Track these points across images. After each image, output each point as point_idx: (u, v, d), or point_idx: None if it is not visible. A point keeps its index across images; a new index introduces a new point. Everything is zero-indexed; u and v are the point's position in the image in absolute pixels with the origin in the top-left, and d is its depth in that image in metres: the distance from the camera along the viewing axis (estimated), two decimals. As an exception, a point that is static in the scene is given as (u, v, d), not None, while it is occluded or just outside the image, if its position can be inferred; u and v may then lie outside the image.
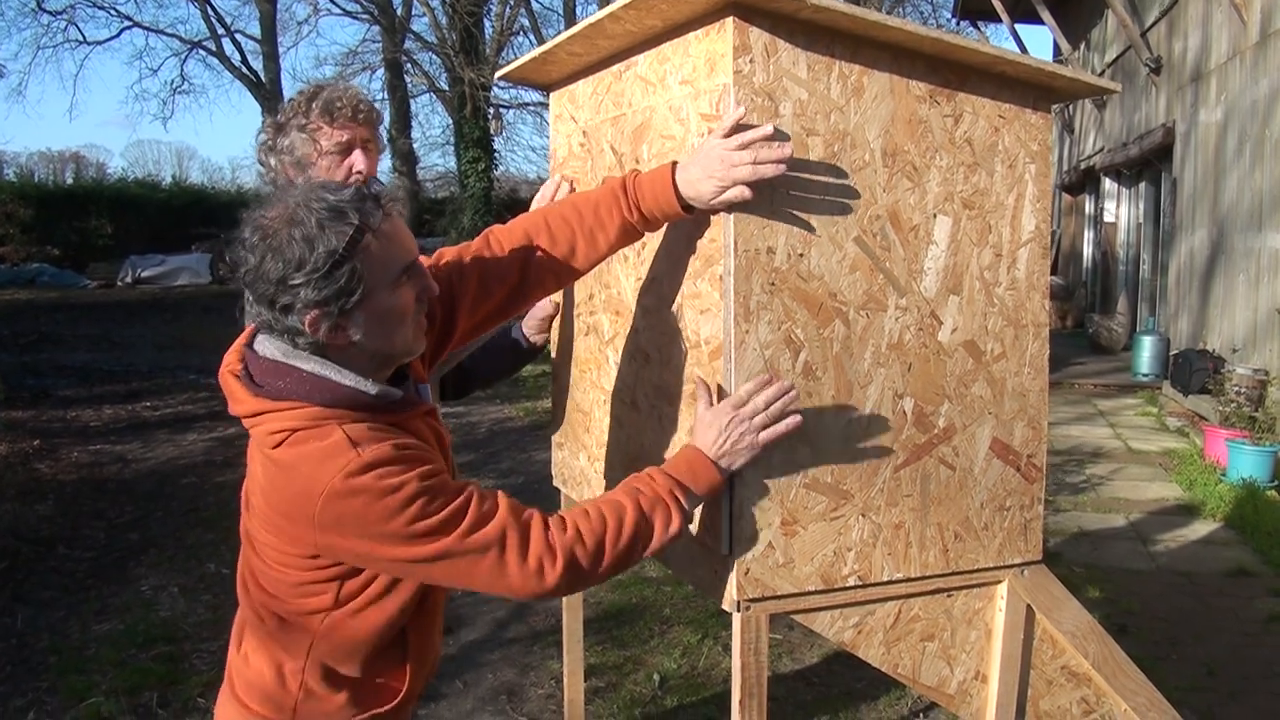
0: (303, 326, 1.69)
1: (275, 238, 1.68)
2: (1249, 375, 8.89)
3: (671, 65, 2.18)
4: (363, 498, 1.65)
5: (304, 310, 1.68)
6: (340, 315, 1.70)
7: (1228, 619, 5.26)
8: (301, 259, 1.65)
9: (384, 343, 1.78)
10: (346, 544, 1.70)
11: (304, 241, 1.65)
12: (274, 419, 1.72)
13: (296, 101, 2.65)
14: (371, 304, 1.72)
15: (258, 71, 32.12)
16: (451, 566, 1.71)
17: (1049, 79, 2.20)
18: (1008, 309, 2.25)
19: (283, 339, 1.74)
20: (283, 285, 1.66)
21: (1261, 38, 9.71)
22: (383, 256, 1.73)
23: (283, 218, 1.68)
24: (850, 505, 2.12)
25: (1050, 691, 2.42)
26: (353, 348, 1.75)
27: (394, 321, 1.78)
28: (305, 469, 1.68)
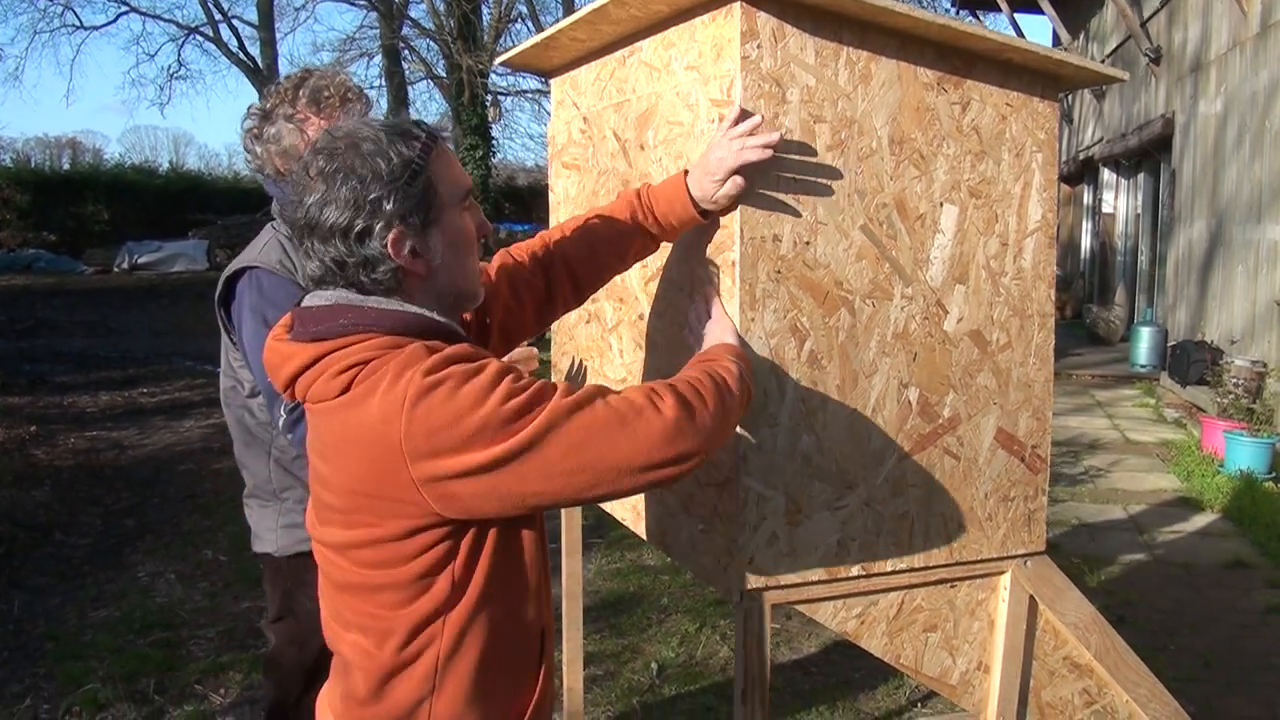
0: (385, 249, 1.56)
1: (344, 158, 1.57)
2: (1247, 367, 8.89)
3: (677, 51, 2.16)
4: (446, 386, 1.47)
5: (386, 229, 1.56)
6: (421, 232, 1.59)
7: (1225, 610, 5.26)
8: (378, 171, 1.55)
9: (458, 271, 1.67)
10: (444, 464, 1.48)
11: (378, 156, 1.56)
12: (338, 358, 1.56)
13: (283, 88, 2.58)
14: (446, 222, 1.63)
15: (255, 57, 32.02)
16: (565, 439, 1.50)
17: (1056, 67, 2.18)
18: (1014, 299, 2.23)
19: (351, 283, 1.61)
20: (360, 205, 1.55)
21: (1262, 28, 9.69)
22: (450, 173, 1.65)
23: (345, 141, 1.58)
24: (854, 495, 2.11)
25: (1052, 682, 2.42)
26: (426, 282, 1.64)
27: (465, 247, 1.68)
28: (382, 392, 1.50)
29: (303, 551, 2.60)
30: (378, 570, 1.61)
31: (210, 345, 11.49)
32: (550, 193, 2.91)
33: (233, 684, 4.24)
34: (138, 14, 32.01)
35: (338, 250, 1.57)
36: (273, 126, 2.55)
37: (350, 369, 1.54)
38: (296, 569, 2.64)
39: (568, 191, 2.79)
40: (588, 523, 3.24)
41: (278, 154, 2.56)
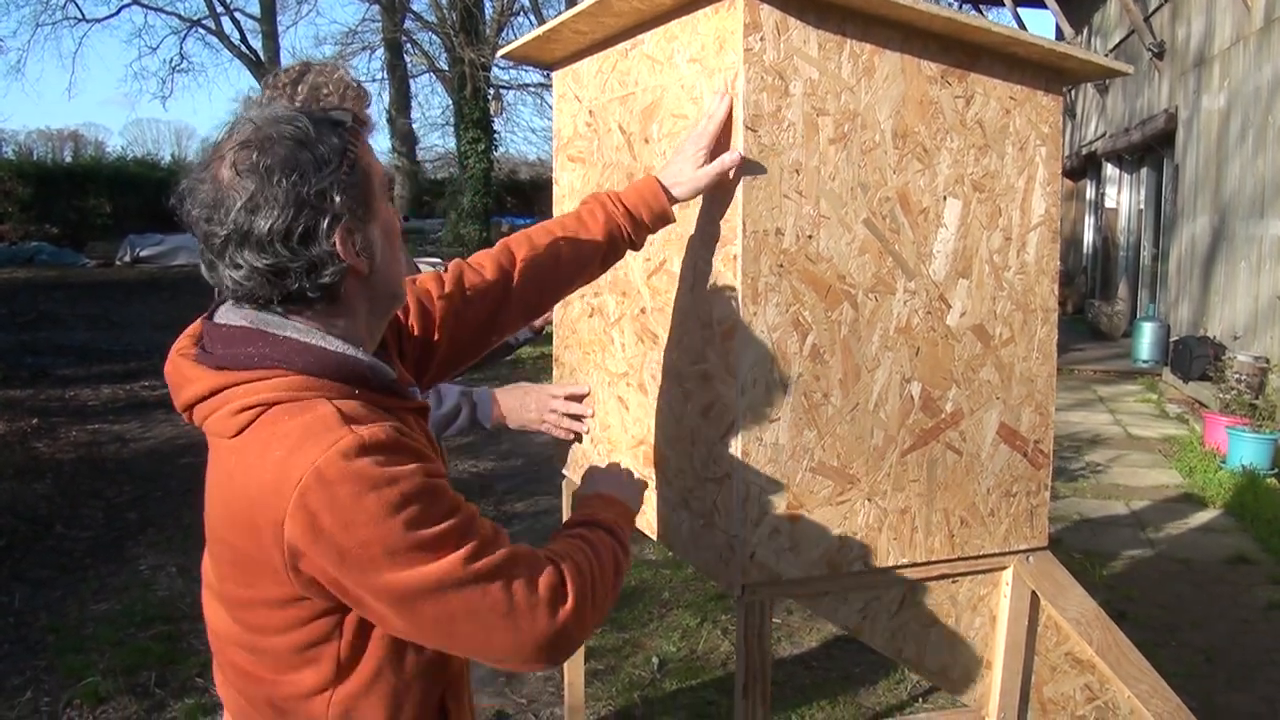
0: (334, 248, 1.38)
1: (274, 149, 1.37)
2: (1250, 362, 8.88)
3: (680, 43, 2.16)
4: (350, 487, 1.29)
5: (333, 226, 1.38)
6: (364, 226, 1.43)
7: (1227, 606, 5.26)
8: (318, 160, 1.37)
9: (393, 268, 1.50)
10: (318, 565, 1.32)
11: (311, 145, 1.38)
12: (239, 394, 1.38)
13: (280, 82, 2.51)
14: (381, 214, 1.48)
15: (257, 50, 32.02)
16: (443, 606, 1.33)
17: (1061, 60, 2.17)
18: (1017, 293, 2.23)
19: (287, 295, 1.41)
20: (303, 202, 1.36)
21: (1266, 23, 9.66)
22: (374, 161, 1.49)
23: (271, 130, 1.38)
24: (856, 490, 2.10)
25: (1054, 678, 2.41)
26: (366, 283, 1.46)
27: (395, 240, 1.53)
28: (279, 459, 1.32)
29: None
30: (253, 633, 1.45)
31: (212, 338, 11.21)
32: (555, 185, 2.90)
33: (234, 677, 4.24)
34: (140, 6, 32.03)
35: (277, 257, 1.36)
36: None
37: (250, 409, 1.37)
38: None
39: (573, 185, 2.78)
40: (589, 517, 3.23)
41: None
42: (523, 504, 6.79)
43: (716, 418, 2.07)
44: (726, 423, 2.03)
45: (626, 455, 2.51)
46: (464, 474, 7.40)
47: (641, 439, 2.43)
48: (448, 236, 25.84)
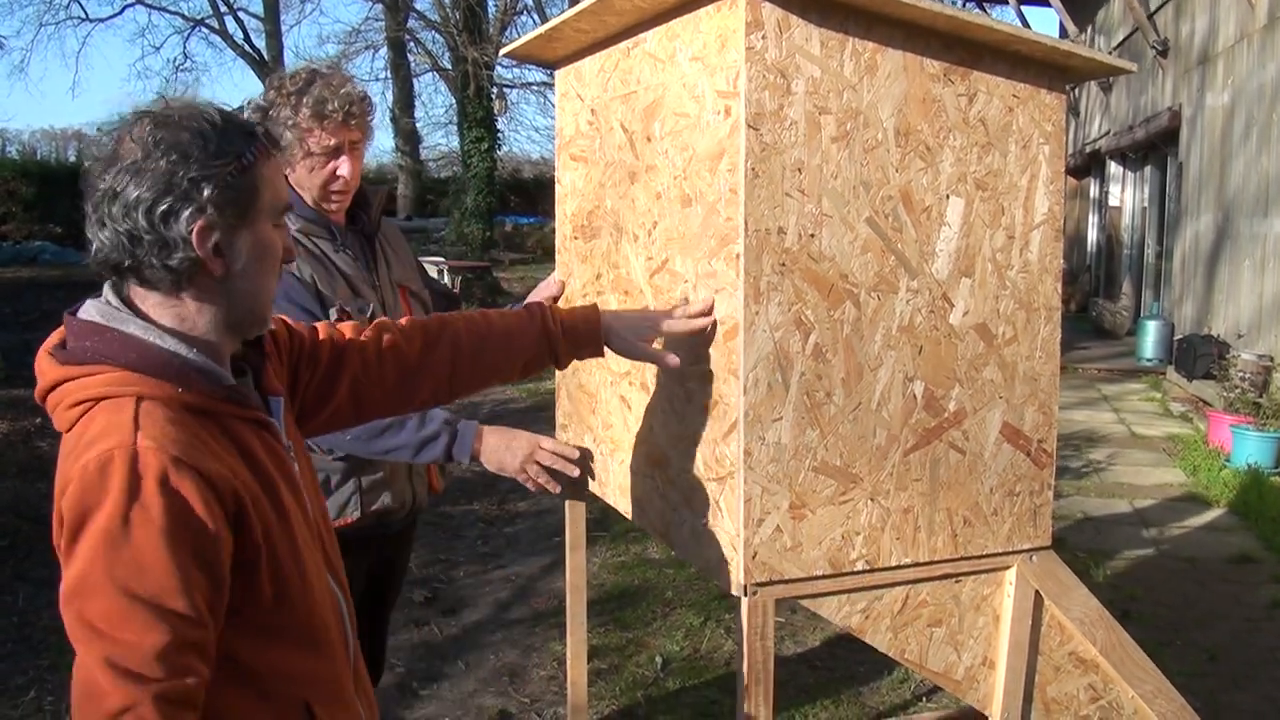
0: (189, 236, 1.40)
1: (173, 130, 1.42)
2: (1254, 361, 8.86)
3: (681, 41, 2.15)
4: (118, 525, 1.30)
5: (195, 215, 1.41)
6: (231, 230, 1.44)
7: (1231, 605, 5.24)
8: (206, 152, 1.41)
9: (257, 285, 1.50)
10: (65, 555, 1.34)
11: (210, 139, 1.42)
12: (73, 389, 1.42)
13: (285, 89, 2.51)
14: (258, 230, 1.48)
15: (260, 50, 32.05)
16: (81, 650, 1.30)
17: (1064, 58, 2.17)
18: (1020, 292, 2.22)
19: (137, 265, 1.43)
20: (175, 183, 1.40)
21: (1270, 21, 9.65)
22: (276, 183, 1.51)
23: (181, 114, 1.44)
24: (859, 489, 2.10)
25: (1058, 678, 2.41)
26: (221, 286, 1.47)
27: (270, 262, 1.52)
28: (83, 464, 1.33)
29: None
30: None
31: (215, 338, 11.21)
32: (558, 184, 2.90)
33: (237, 676, 4.24)
34: (143, 6, 32.03)
35: (135, 224, 1.40)
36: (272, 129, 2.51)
37: (80, 404, 1.41)
38: None
39: (575, 184, 2.78)
40: (592, 516, 3.24)
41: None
42: (525, 503, 6.79)
43: (719, 417, 2.07)
44: (729, 422, 2.02)
45: (628, 455, 2.51)
46: (467, 473, 7.40)
47: (645, 438, 2.42)
48: (451, 235, 25.83)
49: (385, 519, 2.71)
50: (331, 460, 2.57)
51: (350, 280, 2.61)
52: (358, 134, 2.58)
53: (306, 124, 2.49)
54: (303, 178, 2.56)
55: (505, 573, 5.57)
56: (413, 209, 32.19)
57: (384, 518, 2.70)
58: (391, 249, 2.83)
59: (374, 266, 2.72)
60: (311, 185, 2.57)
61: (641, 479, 2.46)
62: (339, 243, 2.64)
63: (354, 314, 2.56)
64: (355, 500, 2.61)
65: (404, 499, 2.74)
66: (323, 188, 2.57)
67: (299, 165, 2.54)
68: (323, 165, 2.55)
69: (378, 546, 2.77)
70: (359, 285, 2.63)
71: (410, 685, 4.20)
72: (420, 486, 2.83)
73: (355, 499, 2.61)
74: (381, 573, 2.87)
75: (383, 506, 2.66)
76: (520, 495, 6.95)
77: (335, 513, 2.57)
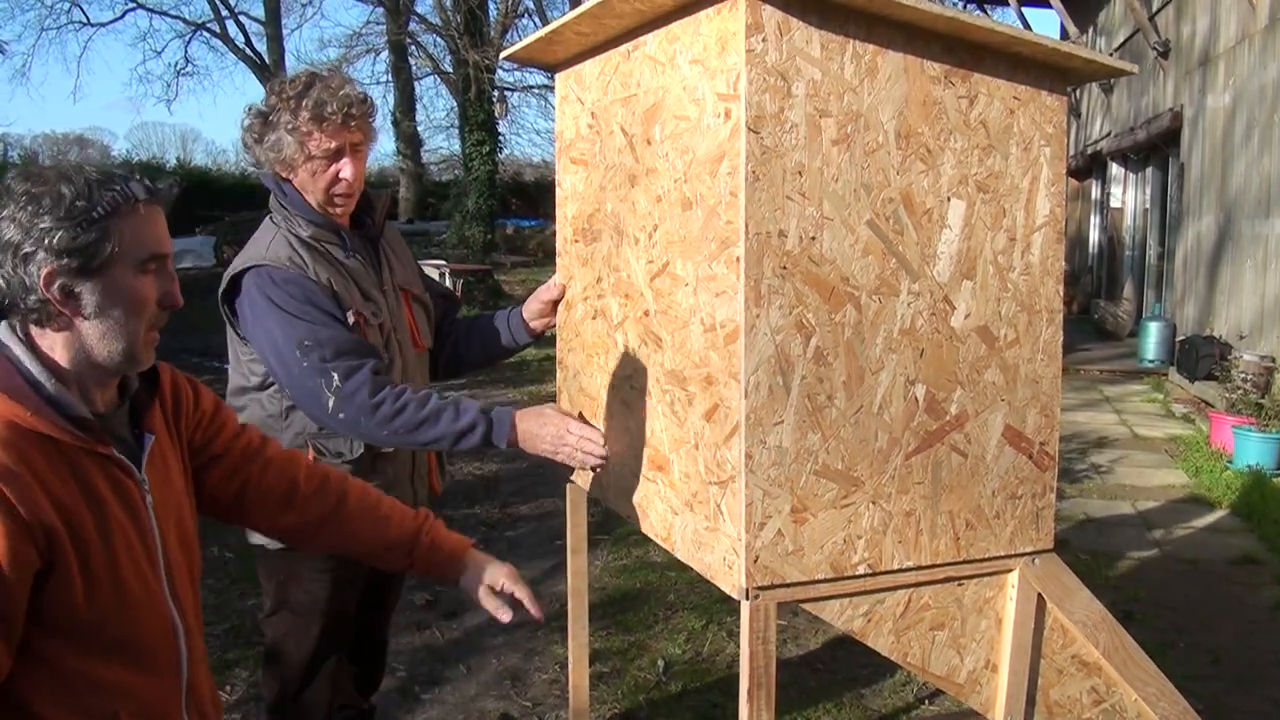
0: (38, 281, 1.55)
1: (39, 184, 1.57)
2: (1256, 362, 8.85)
3: (681, 45, 2.15)
4: None
5: (44, 261, 1.55)
6: (77, 276, 1.57)
7: (1234, 607, 5.23)
8: (58, 204, 1.55)
9: (109, 330, 1.62)
10: None
11: (67, 192, 1.56)
12: None
13: (286, 94, 2.52)
14: (112, 277, 1.60)
15: (262, 53, 32.07)
16: None
17: (1065, 60, 2.16)
18: (1021, 294, 2.22)
19: (12, 305, 1.59)
20: (30, 230, 1.55)
21: (1271, 22, 9.64)
22: (139, 234, 1.62)
23: (53, 172, 1.59)
24: (861, 492, 2.09)
25: (1061, 681, 2.40)
26: (70, 331, 1.61)
27: (130, 308, 1.63)
28: None
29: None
30: None
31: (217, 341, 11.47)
32: (558, 188, 2.90)
33: (239, 681, 4.24)
34: (145, 10, 32.07)
35: (4, 267, 1.57)
36: (274, 134, 2.53)
37: None
38: (289, 560, 2.65)
39: (575, 187, 2.77)
40: (594, 519, 3.24)
41: (277, 162, 2.55)
42: (527, 506, 6.78)
43: (720, 421, 2.06)
44: (730, 426, 2.02)
45: (631, 459, 2.51)
46: (468, 476, 7.40)
47: (646, 441, 2.42)
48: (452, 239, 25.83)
49: None
50: (341, 463, 2.56)
51: (361, 285, 2.62)
52: (359, 136, 2.57)
53: (306, 127, 2.49)
54: (306, 181, 2.56)
55: (507, 576, 5.56)
56: (414, 212, 32.20)
57: None
58: (394, 253, 2.83)
59: (379, 270, 2.73)
60: (315, 189, 2.56)
61: (643, 483, 2.46)
62: (348, 247, 2.64)
63: (368, 317, 2.57)
64: None
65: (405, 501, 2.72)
66: (326, 191, 2.57)
67: (301, 169, 2.54)
68: (324, 168, 2.54)
69: None
70: (369, 290, 2.64)
71: (412, 689, 4.20)
72: (421, 489, 2.82)
73: None
74: (380, 578, 2.86)
75: None
76: (521, 499, 6.95)
77: None
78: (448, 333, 2.99)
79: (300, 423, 2.59)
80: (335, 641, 2.73)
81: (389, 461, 2.67)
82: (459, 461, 7.54)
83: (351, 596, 2.75)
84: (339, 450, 2.57)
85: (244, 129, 2.59)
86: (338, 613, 2.71)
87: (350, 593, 2.74)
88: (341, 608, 2.72)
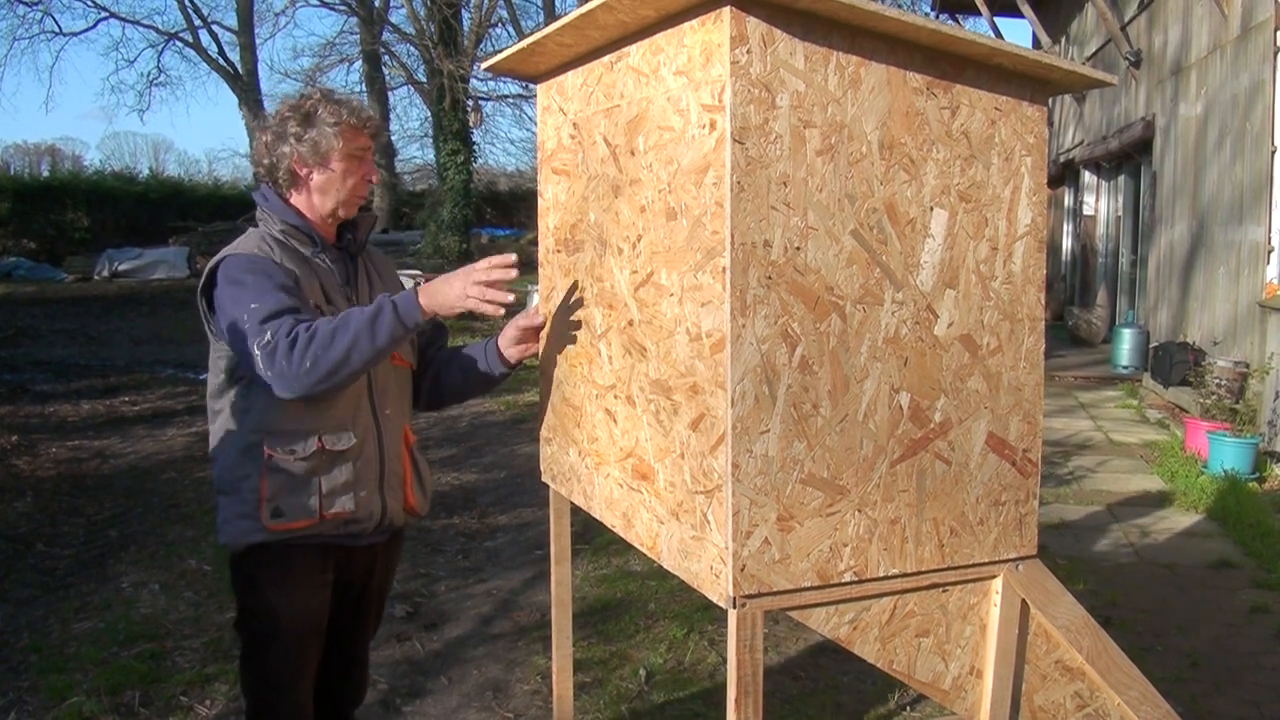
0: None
1: None
2: (1229, 367, 8.93)
3: (665, 56, 2.16)
4: None
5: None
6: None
7: (1211, 610, 5.28)
8: None
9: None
10: None
11: None
12: None
13: (326, 100, 2.67)
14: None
15: (235, 63, 31.96)
16: None
17: (1046, 71, 2.18)
18: (1004, 303, 2.23)
19: None
20: None
21: (1243, 31, 9.74)
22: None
23: None
24: (846, 501, 2.10)
25: (1045, 686, 2.42)
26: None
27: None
28: None
29: (255, 543, 2.62)
30: None
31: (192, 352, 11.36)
32: (540, 198, 2.90)
33: (218, 695, 4.21)
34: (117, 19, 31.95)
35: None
36: (313, 129, 2.63)
37: None
38: (252, 562, 2.66)
39: (558, 197, 2.78)
40: (574, 529, 3.23)
41: (307, 153, 2.64)
42: (506, 516, 6.77)
43: (706, 430, 2.07)
44: (716, 435, 2.03)
45: (615, 468, 2.51)
46: (446, 486, 7.38)
47: (630, 451, 2.42)
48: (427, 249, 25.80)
49: (350, 527, 2.69)
50: (294, 460, 2.57)
51: (324, 283, 2.68)
52: (374, 144, 2.75)
53: (349, 122, 2.65)
54: (332, 179, 2.67)
55: (487, 586, 5.55)
56: (388, 222, 32.12)
57: (348, 525, 2.68)
58: (377, 272, 2.89)
59: (354, 282, 2.78)
60: (340, 187, 2.68)
61: (628, 492, 2.46)
62: (316, 249, 2.71)
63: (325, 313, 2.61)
64: (315, 503, 2.60)
65: (371, 509, 2.71)
66: (352, 191, 2.70)
67: (334, 163, 2.66)
68: (357, 167, 2.69)
69: (343, 560, 2.74)
70: (331, 292, 2.69)
71: (393, 702, 4.18)
72: (393, 500, 2.78)
73: (315, 501, 2.60)
74: (356, 594, 2.85)
75: (343, 511, 2.64)
76: (500, 508, 6.93)
77: (292, 515, 2.59)
78: (430, 359, 2.99)
79: (256, 417, 2.60)
80: (300, 652, 2.70)
81: (346, 460, 2.64)
82: (437, 472, 7.51)
83: (314, 608, 2.71)
84: (292, 448, 2.57)
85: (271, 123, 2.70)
86: (299, 622, 2.68)
87: (312, 604, 2.70)
88: (302, 617, 2.68)
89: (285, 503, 2.58)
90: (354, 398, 2.66)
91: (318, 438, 2.60)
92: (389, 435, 2.76)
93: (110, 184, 30.61)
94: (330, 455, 2.62)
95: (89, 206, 28.28)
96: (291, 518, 2.58)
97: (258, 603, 2.68)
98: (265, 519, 2.58)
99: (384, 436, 2.74)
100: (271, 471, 2.57)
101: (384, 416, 2.74)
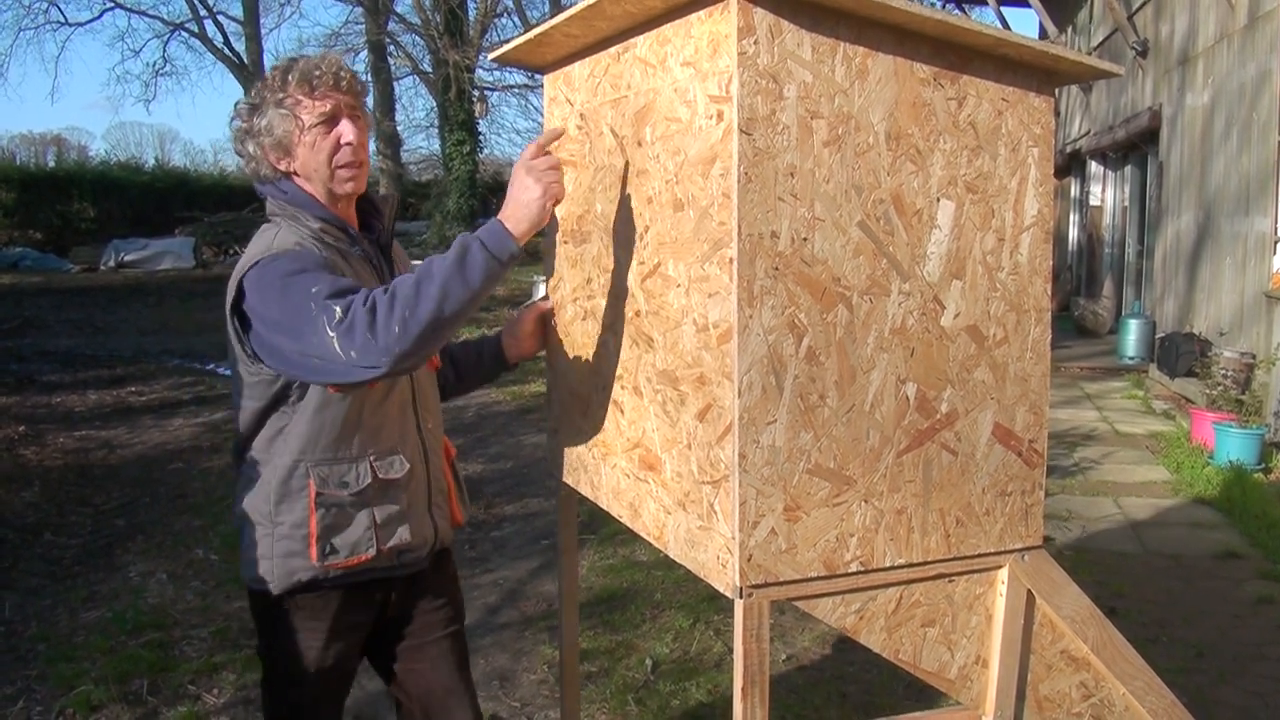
0: None
1: None
2: (1235, 358, 8.92)
3: (672, 47, 2.16)
4: None
5: None
6: None
7: (1216, 601, 5.28)
8: None
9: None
10: None
11: None
12: None
13: (270, 77, 2.38)
14: None
15: (240, 53, 31.98)
16: None
17: (1053, 62, 2.18)
18: (1010, 294, 2.23)
19: None
20: None
21: (1250, 21, 9.71)
22: None
23: None
24: (853, 491, 2.11)
25: (1050, 676, 2.42)
26: None
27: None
28: None
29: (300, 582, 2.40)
30: None
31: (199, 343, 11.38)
32: (544, 189, 2.90)
33: (226, 684, 4.23)
34: (123, 10, 31.95)
35: None
36: (262, 118, 2.36)
37: None
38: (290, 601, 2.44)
39: (564, 187, 2.78)
40: (580, 518, 3.24)
41: (271, 147, 2.37)
42: (512, 507, 6.79)
43: (713, 420, 2.07)
44: (723, 425, 2.03)
45: (622, 458, 2.52)
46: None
47: (637, 442, 2.43)
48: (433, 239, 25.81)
49: (404, 557, 2.50)
50: (347, 495, 2.38)
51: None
52: (351, 98, 2.40)
53: (295, 95, 2.35)
54: (308, 161, 2.39)
55: (493, 576, 5.57)
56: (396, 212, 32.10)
57: (402, 556, 2.49)
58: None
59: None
60: (319, 165, 2.38)
61: (635, 482, 2.47)
62: (353, 243, 2.48)
63: None
64: (370, 536, 2.40)
65: (425, 534, 2.54)
66: (329, 164, 2.39)
67: (299, 147, 2.37)
68: (324, 135, 2.37)
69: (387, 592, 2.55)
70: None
71: (401, 690, 4.19)
72: (442, 520, 2.61)
73: (370, 534, 2.40)
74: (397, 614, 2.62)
75: (401, 542, 2.45)
76: (506, 499, 6.95)
77: (347, 551, 2.38)
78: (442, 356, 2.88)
79: (297, 444, 2.37)
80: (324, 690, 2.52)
81: (400, 488, 2.46)
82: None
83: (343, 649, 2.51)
84: (343, 480, 2.37)
85: (234, 130, 2.43)
86: (328, 663, 2.48)
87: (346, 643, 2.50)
88: (332, 657, 2.48)
89: (339, 538, 2.37)
90: (399, 409, 2.47)
91: (369, 466, 2.40)
92: (433, 452, 2.59)
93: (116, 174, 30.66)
94: (383, 484, 2.42)
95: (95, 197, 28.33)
96: (347, 554, 2.38)
97: (290, 644, 2.45)
98: (315, 558, 2.35)
99: (429, 454, 2.57)
100: (321, 504, 2.35)
101: (426, 431, 2.56)
